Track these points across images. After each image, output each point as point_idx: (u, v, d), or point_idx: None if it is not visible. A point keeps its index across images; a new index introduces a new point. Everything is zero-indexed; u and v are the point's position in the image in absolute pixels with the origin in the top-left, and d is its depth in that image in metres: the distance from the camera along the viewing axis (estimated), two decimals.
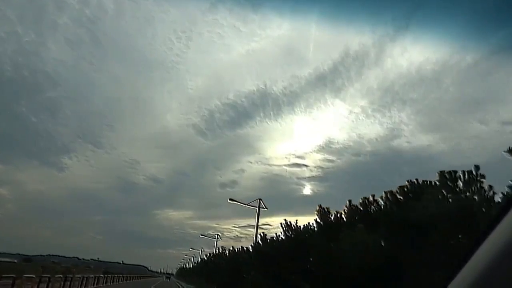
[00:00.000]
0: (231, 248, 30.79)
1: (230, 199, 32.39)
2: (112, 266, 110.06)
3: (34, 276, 22.06)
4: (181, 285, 55.50)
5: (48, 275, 23.34)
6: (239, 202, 32.01)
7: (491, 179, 7.65)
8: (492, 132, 66.11)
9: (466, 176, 7.98)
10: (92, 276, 33.87)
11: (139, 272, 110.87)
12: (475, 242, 1.24)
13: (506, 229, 1.10)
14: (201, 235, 61.36)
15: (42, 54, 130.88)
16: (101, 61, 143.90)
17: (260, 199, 29.63)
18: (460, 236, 7.83)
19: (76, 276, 29.07)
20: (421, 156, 79.70)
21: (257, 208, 28.83)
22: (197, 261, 67.31)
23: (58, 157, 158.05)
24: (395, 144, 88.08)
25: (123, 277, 52.03)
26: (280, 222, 17.74)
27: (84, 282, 29.32)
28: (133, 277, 64.19)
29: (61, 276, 25.53)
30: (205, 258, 48.37)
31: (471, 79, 68.43)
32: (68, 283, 25.96)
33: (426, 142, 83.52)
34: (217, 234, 56.00)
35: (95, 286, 32.58)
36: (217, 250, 41.72)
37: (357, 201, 12.23)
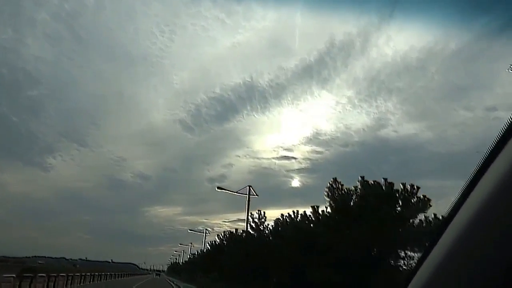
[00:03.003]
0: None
1: (218, 188, 32.31)
2: (101, 265, 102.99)
3: None
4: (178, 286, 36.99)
5: None
6: (228, 190, 31.84)
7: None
8: (477, 118, 66.18)
9: None
10: None
11: (129, 270, 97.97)
12: (429, 243, 1.29)
13: (456, 229, 1.17)
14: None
15: (21, 51, 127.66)
16: (83, 57, 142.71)
17: (249, 186, 29.44)
18: None
19: None
20: (408, 145, 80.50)
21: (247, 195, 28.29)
22: (197, 252, 48.92)
23: (42, 157, 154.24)
24: (382, 133, 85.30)
25: (82, 276, 32.16)
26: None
27: None
28: (102, 275, 43.11)
29: None
30: (217, 242, 29.36)
31: (456, 66, 67.75)
32: None
33: (413, 131, 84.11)
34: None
35: None
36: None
37: None
